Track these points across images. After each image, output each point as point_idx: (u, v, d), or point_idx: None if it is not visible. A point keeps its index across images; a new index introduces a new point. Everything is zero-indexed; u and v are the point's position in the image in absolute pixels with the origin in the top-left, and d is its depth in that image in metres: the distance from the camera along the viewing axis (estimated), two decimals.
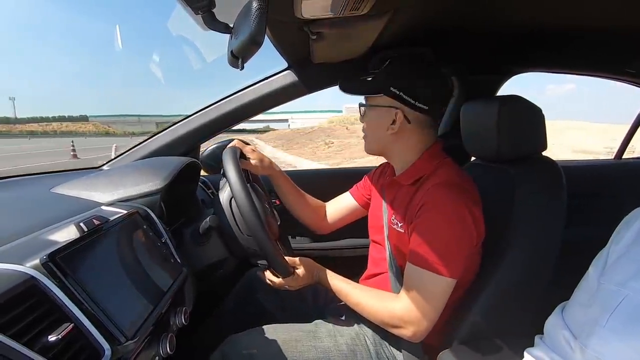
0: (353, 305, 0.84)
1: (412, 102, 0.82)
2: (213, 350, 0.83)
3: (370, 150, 0.93)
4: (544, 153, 0.92)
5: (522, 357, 0.60)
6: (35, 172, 1.08)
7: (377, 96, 0.85)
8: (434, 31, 1.02)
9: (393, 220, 0.87)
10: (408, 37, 1.03)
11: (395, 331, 0.78)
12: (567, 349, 0.53)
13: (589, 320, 0.50)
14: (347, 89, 0.89)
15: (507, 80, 1.44)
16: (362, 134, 0.93)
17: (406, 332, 0.77)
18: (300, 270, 0.87)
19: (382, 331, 0.86)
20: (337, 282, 0.87)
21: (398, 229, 0.85)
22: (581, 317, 0.53)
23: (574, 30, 1.03)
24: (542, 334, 0.62)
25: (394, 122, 0.85)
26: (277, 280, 0.87)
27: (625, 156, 1.85)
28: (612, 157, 1.87)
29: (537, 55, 1.28)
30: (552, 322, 0.59)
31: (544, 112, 0.89)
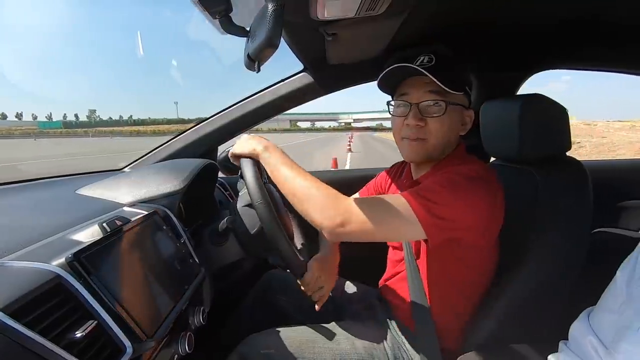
0: (299, 187, 0.72)
1: (470, 102, 0.82)
2: (231, 350, 0.84)
3: (425, 155, 0.81)
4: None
5: None
6: (61, 174, 1.12)
7: (458, 93, 0.77)
8: (451, 28, 1.00)
9: None
10: (424, 36, 1.02)
11: (324, 212, 0.68)
12: (593, 355, 0.51)
13: (617, 325, 0.48)
14: (440, 78, 0.73)
15: (527, 78, 1.39)
16: (420, 134, 0.78)
17: (330, 220, 0.66)
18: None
19: (400, 335, 0.85)
20: (286, 163, 0.76)
21: None
22: (609, 323, 0.51)
23: (603, 21, 0.99)
24: (566, 339, 0.60)
25: (463, 123, 0.82)
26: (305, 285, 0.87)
27: None
28: None
29: (561, 50, 1.23)
30: (578, 328, 0.57)
31: None
